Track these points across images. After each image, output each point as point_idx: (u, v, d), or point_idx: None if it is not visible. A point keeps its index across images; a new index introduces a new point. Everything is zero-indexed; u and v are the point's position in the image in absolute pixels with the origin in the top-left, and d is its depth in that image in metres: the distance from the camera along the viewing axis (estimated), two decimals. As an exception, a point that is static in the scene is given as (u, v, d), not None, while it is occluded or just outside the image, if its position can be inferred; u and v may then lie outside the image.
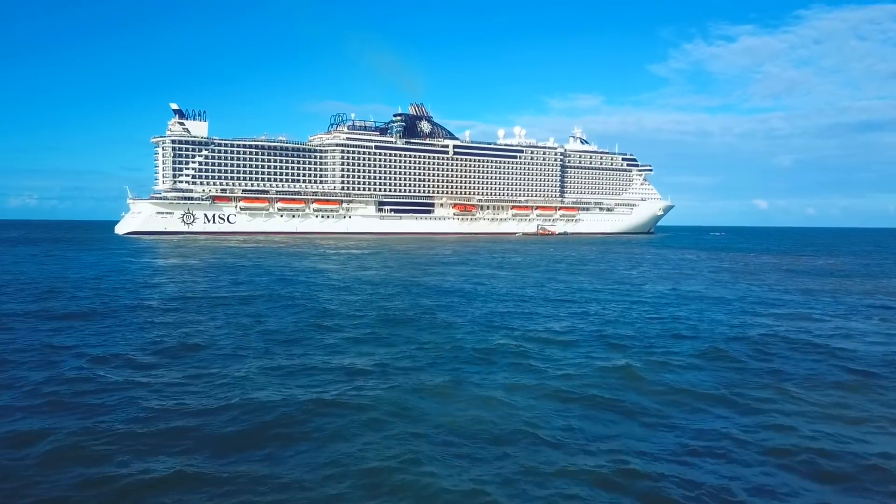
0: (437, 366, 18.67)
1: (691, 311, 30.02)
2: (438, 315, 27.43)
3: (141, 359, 19.03)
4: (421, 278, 43.44)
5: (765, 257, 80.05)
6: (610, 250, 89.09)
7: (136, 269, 48.09)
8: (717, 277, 48.27)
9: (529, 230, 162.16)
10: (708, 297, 35.58)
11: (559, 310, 29.90)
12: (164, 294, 33.74)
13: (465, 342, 21.79)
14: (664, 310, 30.29)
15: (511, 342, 21.84)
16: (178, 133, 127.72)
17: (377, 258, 65.82)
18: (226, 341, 21.63)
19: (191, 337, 22.24)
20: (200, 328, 24.01)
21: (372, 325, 24.98)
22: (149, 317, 26.45)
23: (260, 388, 16.02)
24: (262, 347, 20.80)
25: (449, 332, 23.56)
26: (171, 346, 20.77)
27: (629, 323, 26.43)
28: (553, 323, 26.19)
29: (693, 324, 26.29)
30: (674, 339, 22.99)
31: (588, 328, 25.10)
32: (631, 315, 28.49)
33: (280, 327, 24.32)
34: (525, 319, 26.96)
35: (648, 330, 24.82)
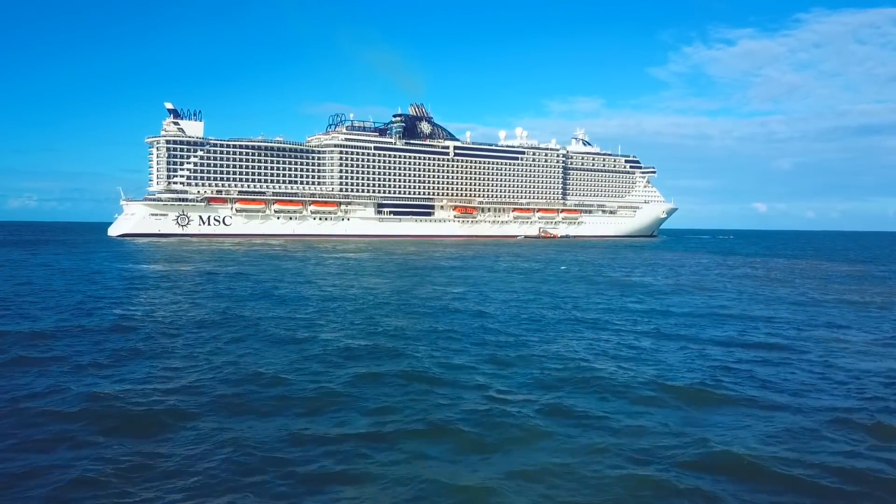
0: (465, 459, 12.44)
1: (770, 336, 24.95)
2: (452, 360, 20.12)
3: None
4: (423, 292, 37.93)
5: (798, 263, 75.09)
6: (619, 255, 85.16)
7: (109, 279, 42.93)
8: (757, 291, 41.53)
9: (531, 233, 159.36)
10: (761, 317, 29.86)
11: (598, 338, 24.01)
12: (108, 319, 26.52)
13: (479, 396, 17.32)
14: (737, 338, 24.45)
15: (554, 398, 16.14)
16: (172, 133, 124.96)
17: (376, 262, 62.98)
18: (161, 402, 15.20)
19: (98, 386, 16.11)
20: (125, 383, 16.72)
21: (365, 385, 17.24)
22: (78, 348, 20.78)
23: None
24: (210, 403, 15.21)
25: (474, 391, 16.74)
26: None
27: (702, 365, 19.79)
28: (598, 362, 20.14)
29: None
30: (793, 395, 16.76)
31: (645, 370, 19.05)
32: (695, 350, 22.09)
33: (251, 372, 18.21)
34: (561, 358, 20.50)
35: (745, 385, 17.71)
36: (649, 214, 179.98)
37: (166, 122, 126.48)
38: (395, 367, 18.84)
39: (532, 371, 18.76)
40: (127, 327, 24.71)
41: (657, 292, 40.08)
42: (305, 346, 21.66)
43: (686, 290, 42.00)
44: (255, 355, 20.32)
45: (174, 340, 22.44)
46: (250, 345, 21.96)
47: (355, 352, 20.88)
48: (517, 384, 17.40)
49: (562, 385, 17.29)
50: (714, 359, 20.80)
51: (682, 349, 22.37)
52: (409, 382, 17.25)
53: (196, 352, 20.71)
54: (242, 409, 14.83)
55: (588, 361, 20.10)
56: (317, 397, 15.78)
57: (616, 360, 20.51)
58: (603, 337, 24.46)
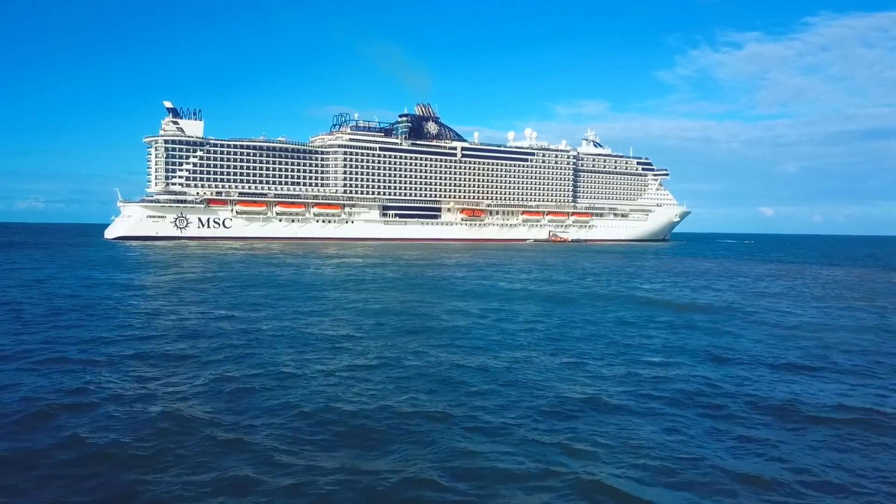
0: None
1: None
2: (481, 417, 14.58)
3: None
4: (438, 314, 30.27)
5: (850, 272, 67.56)
6: (640, 262, 78.48)
7: (75, 294, 35.32)
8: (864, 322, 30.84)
9: (541, 237, 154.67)
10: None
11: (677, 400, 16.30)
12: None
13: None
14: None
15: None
16: (171, 133, 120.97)
17: (381, 271, 58.44)
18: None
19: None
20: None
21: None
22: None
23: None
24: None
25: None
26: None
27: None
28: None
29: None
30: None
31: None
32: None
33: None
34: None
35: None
36: (662, 218, 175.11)
37: (165, 122, 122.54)
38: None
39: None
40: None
41: (731, 323, 29.34)
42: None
43: (762, 314, 32.49)
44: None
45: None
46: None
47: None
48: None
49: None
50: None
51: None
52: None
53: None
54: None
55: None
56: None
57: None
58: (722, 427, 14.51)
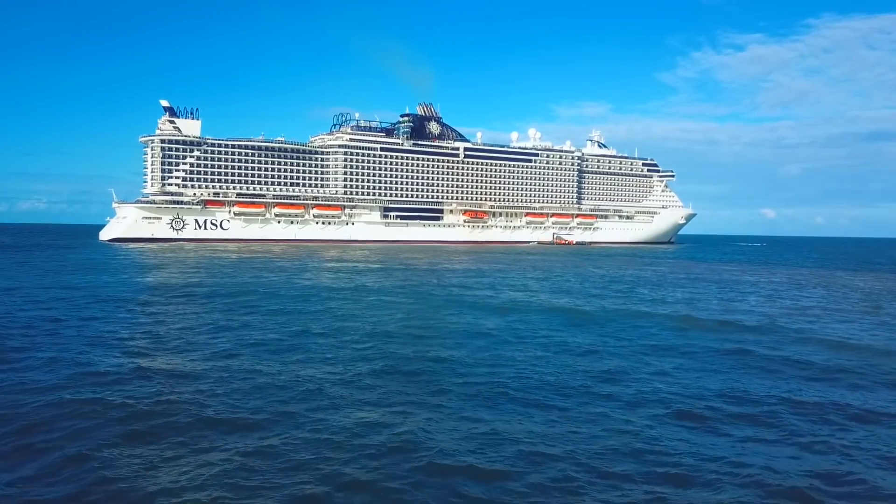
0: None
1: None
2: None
3: None
4: (448, 336, 25.36)
5: (885, 278, 62.70)
6: (657, 267, 74.47)
7: (31, 305, 31.55)
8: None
9: (545, 239, 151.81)
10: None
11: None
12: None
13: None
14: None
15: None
16: (168, 132, 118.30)
17: (384, 277, 55.64)
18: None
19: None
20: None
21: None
22: None
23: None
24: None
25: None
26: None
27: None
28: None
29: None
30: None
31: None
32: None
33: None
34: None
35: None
36: (668, 220, 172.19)
37: (161, 121, 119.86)
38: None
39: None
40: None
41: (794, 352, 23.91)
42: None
43: (814, 332, 28.07)
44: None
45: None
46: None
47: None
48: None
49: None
50: None
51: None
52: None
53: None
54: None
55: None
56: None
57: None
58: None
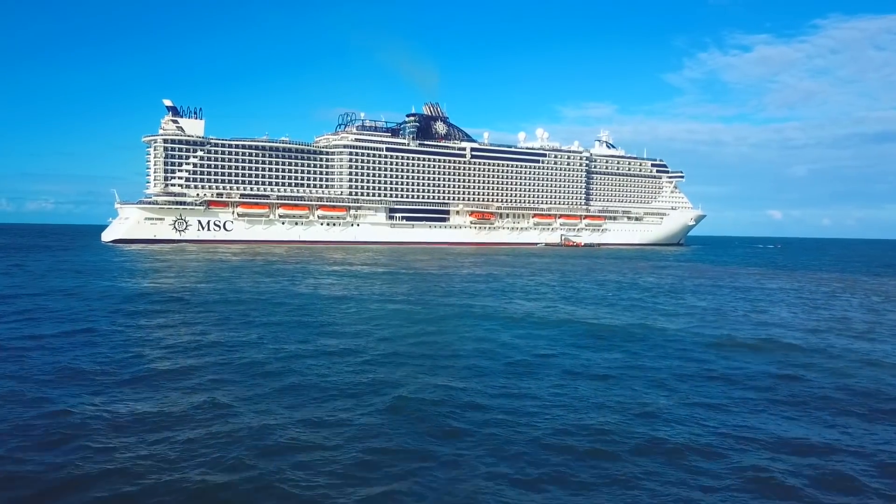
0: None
1: None
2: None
3: None
4: (462, 353, 22.71)
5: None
6: (673, 271, 71.81)
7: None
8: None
9: (552, 241, 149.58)
10: None
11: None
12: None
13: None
14: None
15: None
16: (171, 132, 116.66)
17: (390, 283, 53.59)
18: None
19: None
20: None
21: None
22: None
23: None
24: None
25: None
26: None
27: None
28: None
29: None
30: None
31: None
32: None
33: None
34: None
35: None
36: (677, 221, 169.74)
37: (164, 121, 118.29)
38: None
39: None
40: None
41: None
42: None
43: (872, 355, 24.20)
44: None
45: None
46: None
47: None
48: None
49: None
50: None
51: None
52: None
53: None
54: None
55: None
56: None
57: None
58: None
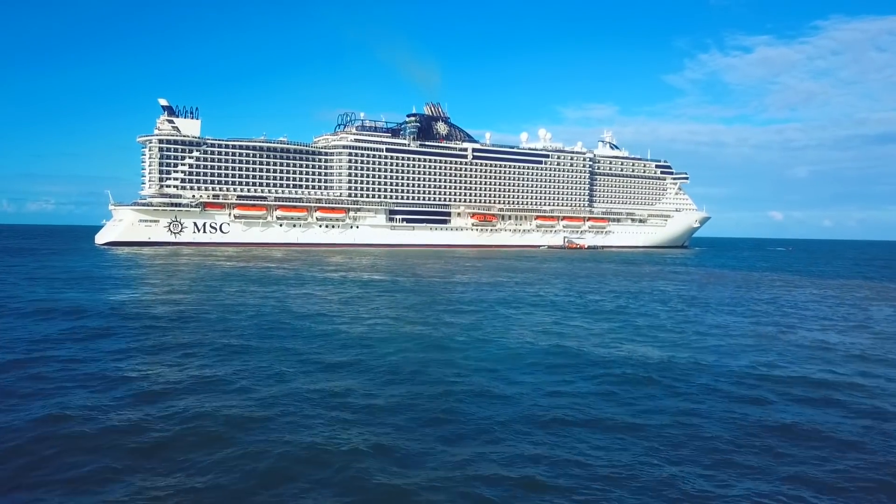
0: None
1: None
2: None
3: None
4: (470, 388, 18.76)
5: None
6: (687, 276, 68.66)
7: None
8: None
9: (555, 243, 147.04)
10: None
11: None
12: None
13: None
14: None
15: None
16: (166, 132, 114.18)
17: (390, 293, 51.03)
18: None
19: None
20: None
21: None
22: None
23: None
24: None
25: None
26: None
27: None
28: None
29: None
30: None
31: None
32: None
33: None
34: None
35: None
36: (681, 223, 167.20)
37: (160, 121, 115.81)
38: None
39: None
40: None
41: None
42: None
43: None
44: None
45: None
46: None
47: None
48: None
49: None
50: None
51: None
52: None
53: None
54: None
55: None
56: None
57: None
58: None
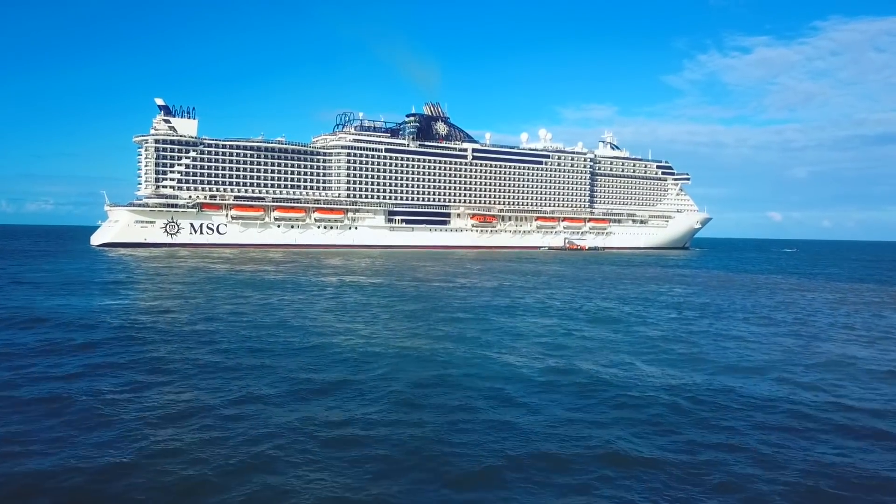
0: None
1: None
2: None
3: None
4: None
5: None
6: (696, 279, 67.27)
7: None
8: None
9: (556, 244, 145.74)
10: None
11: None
12: None
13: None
14: None
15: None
16: (163, 132, 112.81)
17: (388, 299, 49.71)
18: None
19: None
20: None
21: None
22: None
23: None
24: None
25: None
26: None
27: None
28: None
29: None
30: None
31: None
32: None
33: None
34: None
35: None
36: (683, 224, 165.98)
37: (156, 120, 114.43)
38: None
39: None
40: None
41: None
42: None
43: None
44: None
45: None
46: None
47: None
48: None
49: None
50: None
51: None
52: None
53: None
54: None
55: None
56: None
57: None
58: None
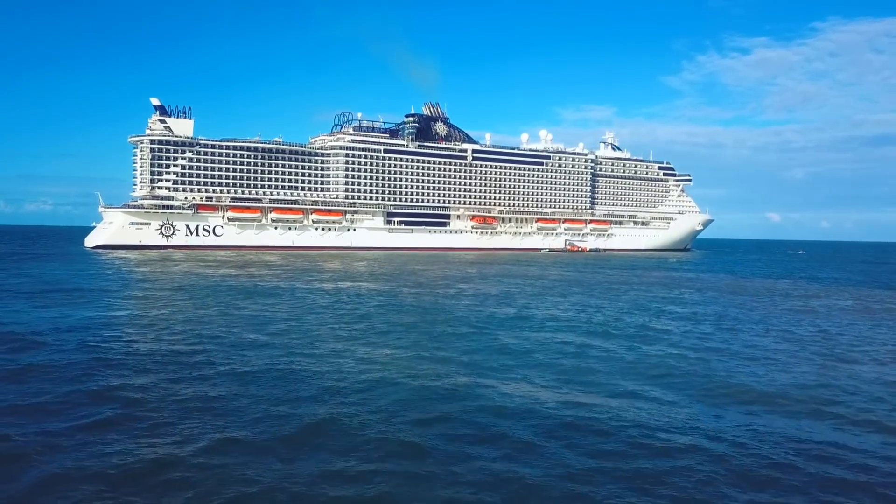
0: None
1: None
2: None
3: None
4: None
5: None
6: (706, 283, 65.57)
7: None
8: None
9: (556, 246, 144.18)
10: None
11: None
12: None
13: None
14: None
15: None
16: (158, 132, 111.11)
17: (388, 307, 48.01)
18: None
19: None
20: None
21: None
22: None
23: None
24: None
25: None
26: None
27: None
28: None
29: None
30: None
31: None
32: None
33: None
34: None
35: None
36: (684, 226, 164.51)
37: (152, 120, 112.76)
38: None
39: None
40: None
41: None
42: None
43: None
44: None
45: None
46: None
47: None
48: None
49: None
50: None
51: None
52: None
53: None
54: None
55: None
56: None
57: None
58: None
